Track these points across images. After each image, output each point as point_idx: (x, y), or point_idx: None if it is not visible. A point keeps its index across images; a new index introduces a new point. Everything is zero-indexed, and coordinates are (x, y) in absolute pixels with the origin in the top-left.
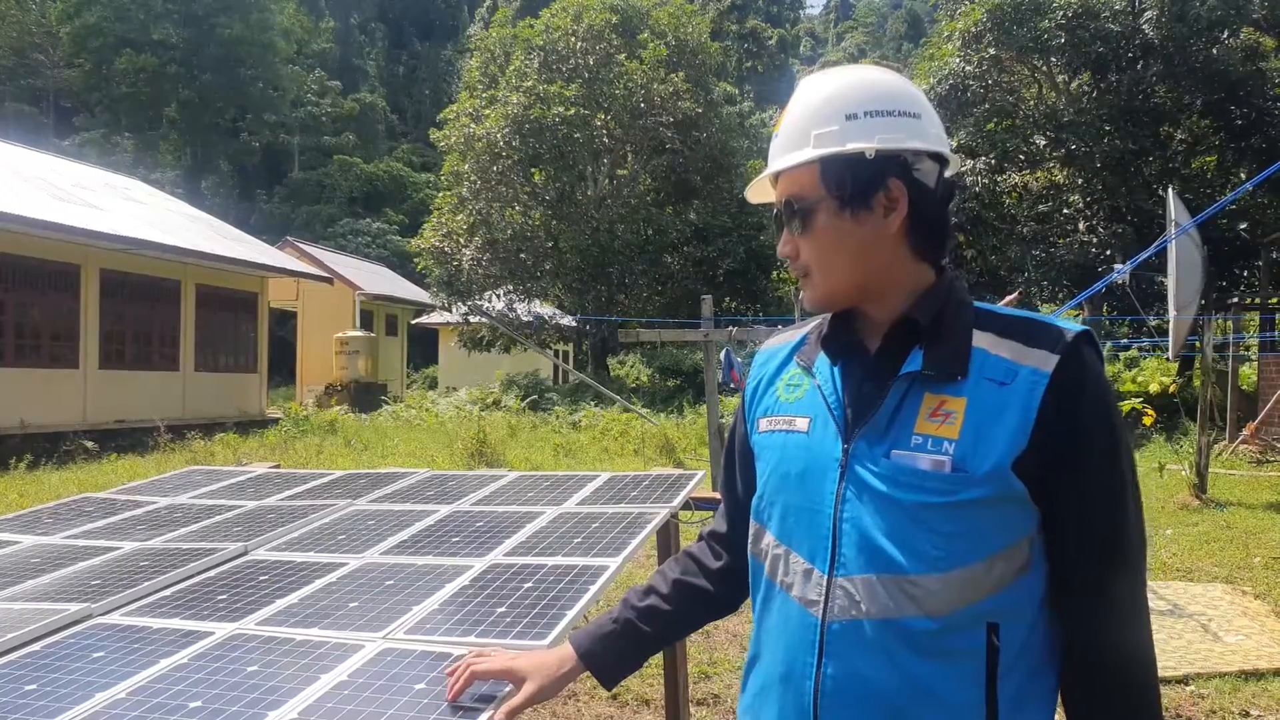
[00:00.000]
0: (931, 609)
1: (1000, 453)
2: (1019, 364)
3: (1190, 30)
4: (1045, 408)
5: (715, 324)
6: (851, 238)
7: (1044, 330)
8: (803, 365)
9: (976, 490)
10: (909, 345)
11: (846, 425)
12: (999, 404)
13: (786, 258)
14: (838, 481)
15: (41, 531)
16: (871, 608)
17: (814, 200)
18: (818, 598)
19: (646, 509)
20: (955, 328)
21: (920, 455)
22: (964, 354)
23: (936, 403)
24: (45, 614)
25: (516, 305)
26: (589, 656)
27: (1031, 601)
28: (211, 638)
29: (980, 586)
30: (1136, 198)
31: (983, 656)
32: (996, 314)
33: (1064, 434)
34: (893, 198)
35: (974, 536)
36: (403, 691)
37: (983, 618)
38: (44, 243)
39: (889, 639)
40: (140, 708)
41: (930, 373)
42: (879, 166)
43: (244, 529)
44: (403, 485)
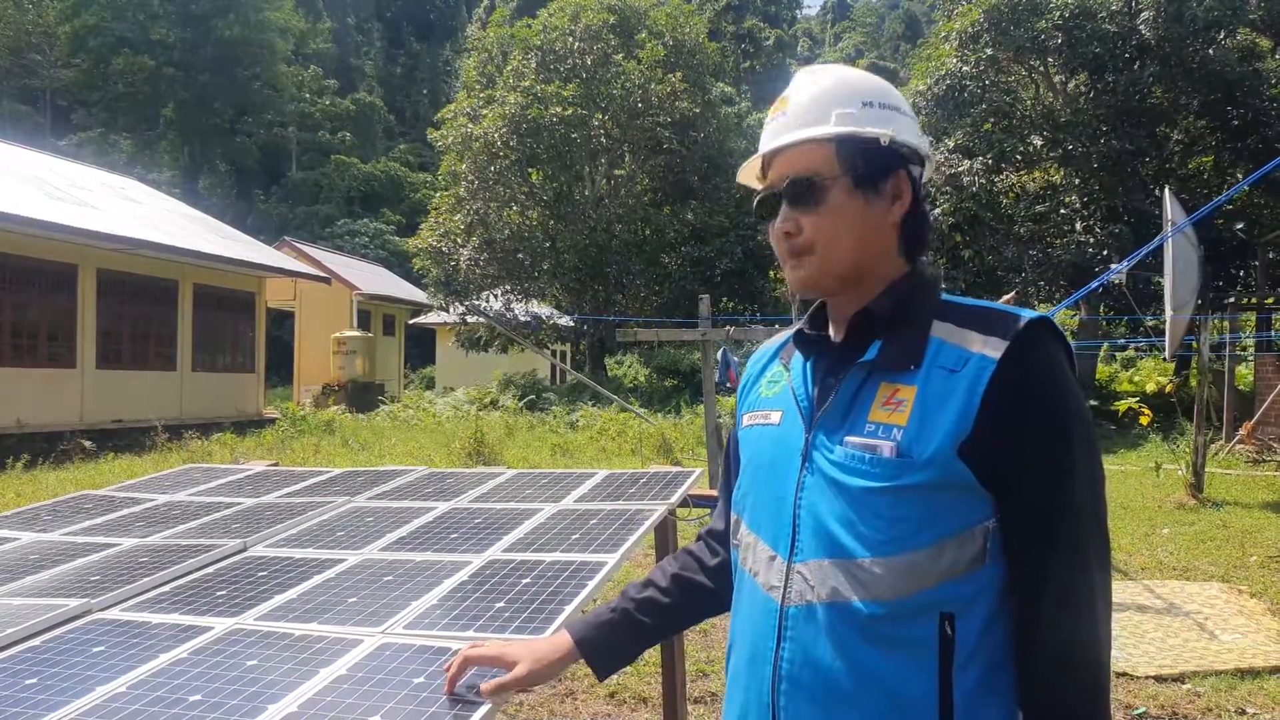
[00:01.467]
0: (877, 593)
1: (942, 438)
2: (971, 351)
3: (1187, 31)
4: (990, 393)
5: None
6: (860, 218)
7: (1002, 318)
8: (783, 363)
9: (918, 475)
10: (871, 337)
11: (811, 415)
12: (947, 390)
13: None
14: (799, 470)
15: (40, 528)
16: (822, 591)
17: (829, 176)
18: (779, 583)
19: (644, 506)
20: (914, 319)
21: (872, 441)
22: (919, 344)
23: (890, 391)
24: (45, 609)
25: (514, 305)
26: (584, 643)
27: (990, 594)
28: (211, 633)
29: (927, 574)
30: (1133, 198)
31: (934, 647)
32: (959, 305)
33: (1010, 420)
34: (900, 187)
35: (917, 521)
36: (401, 685)
37: (934, 607)
38: (41, 242)
39: (838, 623)
40: (140, 701)
41: (885, 362)
42: (892, 155)
43: (243, 526)
44: (401, 483)
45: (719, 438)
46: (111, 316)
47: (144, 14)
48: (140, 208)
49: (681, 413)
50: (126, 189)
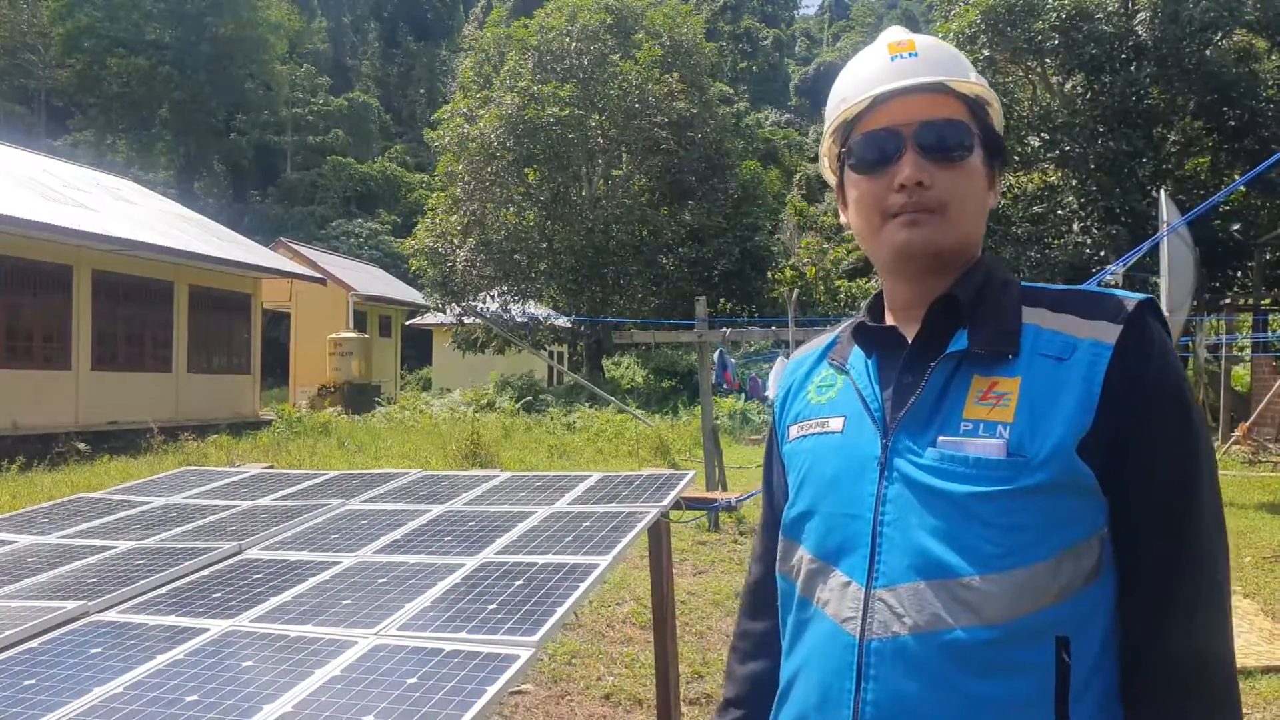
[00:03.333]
0: (990, 616)
1: (1061, 433)
2: (1077, 337)
3: (1183, 32)
4: (1110, 382)
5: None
6: (983, 190)
7: (1101, 301)
8: (835, 365)
9: (1037, 475)
10: (952, 327)
11: (885, 419)
12: (1057, 381)
13: (914, 183)
14: (877, 481)
15: (38, 531)
16: (918, 620)
17: (973, 137)
18: (854, 614)
19: (637, 508)
20: (1001, 304)
21: (971, 441)
22: (1014, 331)
23: (987, 385)
24: (43, 611)
25: (511, 306)
26: None
27: (1103, 612)
28: (206, 634)
29: (1045, 590)
30: (1130, 199)
31: (1051, 675)
32: (1045, 289)
33: (1132, 411)
34: (996, 178)
35: (1036, 530)
36: (394, 686)
37: (1050, 629)
38: (36, 244)
39: (937, 656)
40: (137, 702)
41: (979, 351)
42: (999, 140)
43: (238, 528)
44: (396, 485)
45: (715, 439)
46: (106, 318)
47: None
48: (135, 209)
49: (679, 414)
50: (121, 190)
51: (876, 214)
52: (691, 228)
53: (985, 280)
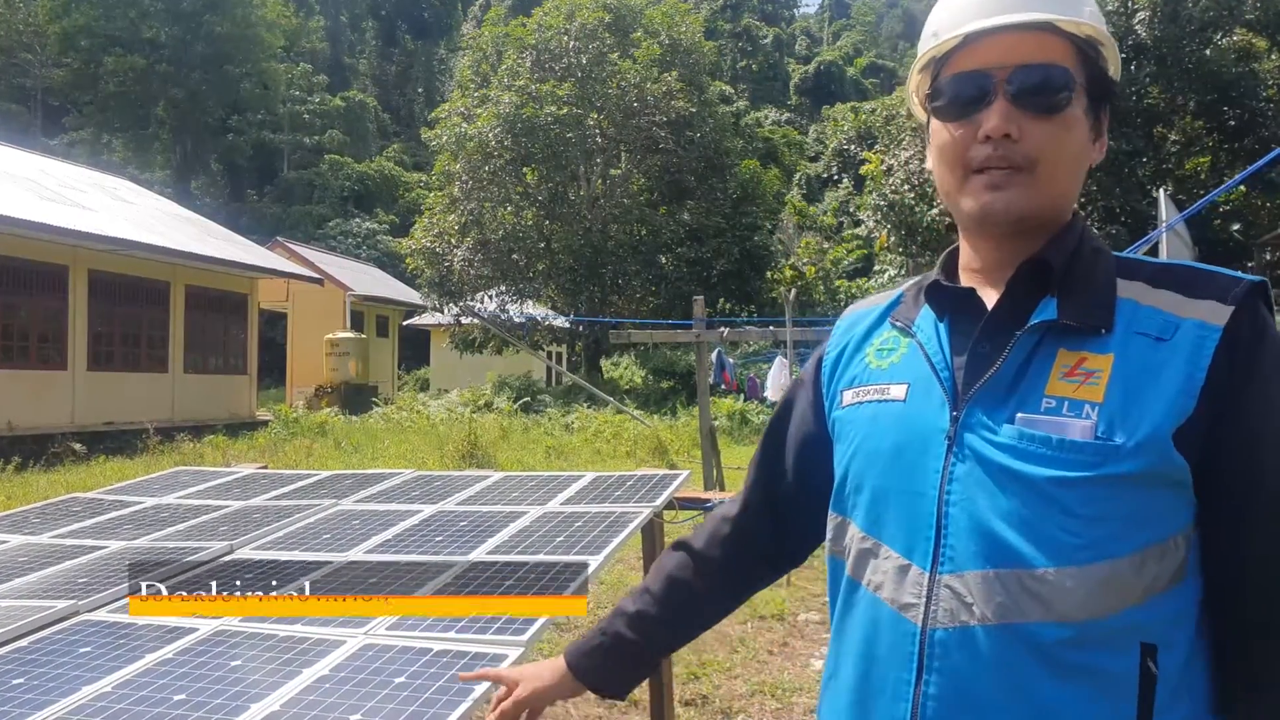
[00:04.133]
0: (1064, 612)
1: (1158, 419)
2: (1180, 317)
3: (1183, 31)
4: (1217, 367)
5: (708, 325)
6: (1082, 144)
7: (1209, 278)
8: (899, 326)
9: (1128, 463)
10: (1038, 294)
11: (956, 390)
12: (1156, 362)
13: (999, 139)
14: (944, 457)
15: (29, 531)
16: (986, 610)
17: (1074, 84)
18: (916, 600)
19: (629, 508)
20: (1095, 274)
21: (1055, 420)
22: (1109, 303)
23: (1074, 360)
24: (33, 611)
25: (509, 306)
26: (577, 670)
27: (1191, 617)
28: (196, 633)
29: (1128, 589)
30: (1130, 198)
31: (1135, 684)
32: (1144, 262)
33: (1239, 401)
34: (1102, 126)
35: (1122, 522)
36: (382, 685)
37: (1135, 633)
38: (32, 243)
39: (1011, 650)
40: (125, 700)
41: (1068, 323)
42: (1108, 87)
43: (230, 529)
44: (388, 485)
45: (713, 439)
46: (103, 318)
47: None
48: (132, 208)
49: (678, 414)
50: (118, 189)
51: (960, 166)
52: (690, 227)
53: (1079, 246)
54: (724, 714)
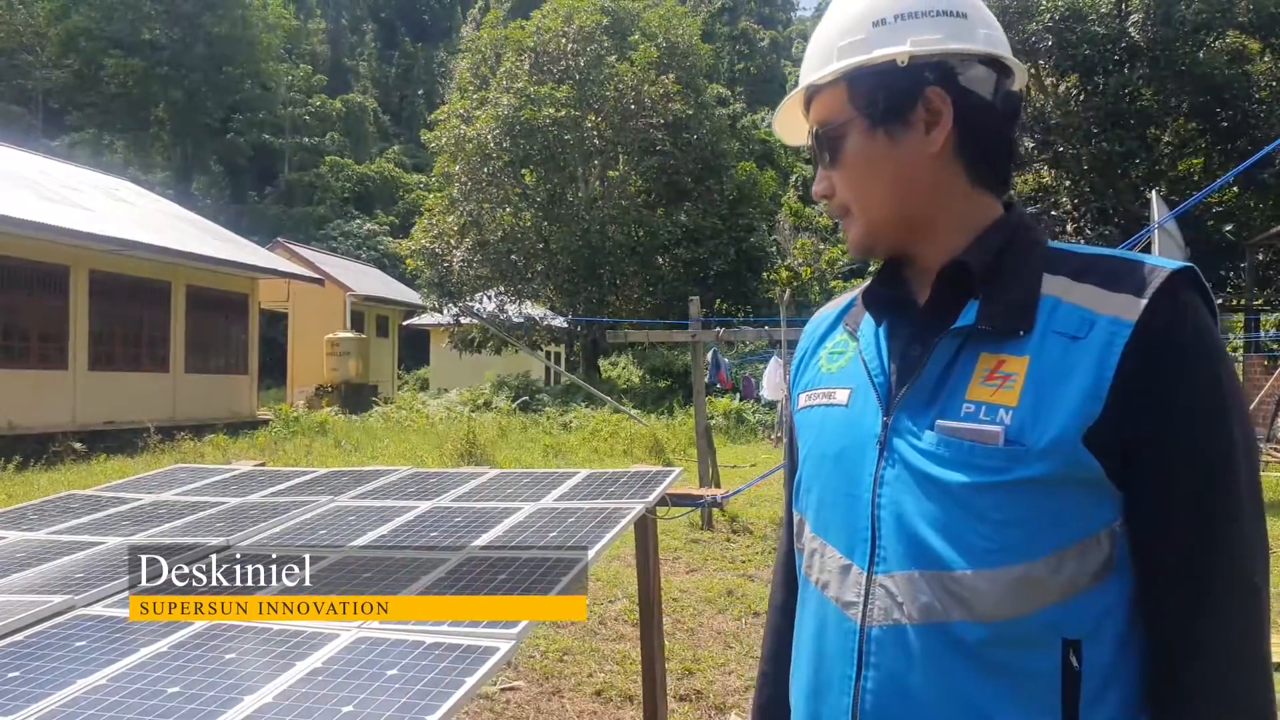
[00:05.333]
0: (983, 612)
1: (1066, 421)
2: (1097, 313)
3: (1176, 33)
4: (1125, 366)
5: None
6: (888, 161)
7: (1131, 270)
8: (849, 329)
9: (1036, 467)
10: (965, 296)
11: (889, 395)
12: (1068, 362)
13: (823, 198)
14: (876, 461)
15: (27, 527)
16: (914, 610)
17: (843, 122)
18: (856, 598)
19: (622, 504)
20: (1020, 272)
21: (971, 426)
22: (1029, 304)
23: (994, 363)
24: (29, 605)
25: (507, 306)
26: None
27: (1119, 612)
28: (191, 627)
29: (1044, 589)
30: (1124, 199)
31: (1057, 681)
32: (1074, 253)
33: (1152, 400)
34: (934, 109)
35: (1033, 525)
36: (375, 678)
37: (1056, 630)
38: (33, 244)
39: (938, 649)
40: (119, 693)
41: (987, 327)
42: (915, 74)
43: (226, 524)
44: (384, 482)
45: (709, 438)
46: (103, 318)
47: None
48: (132, 209)
49: (674, 414)
50: (119, 190)
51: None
52: (687, 228)
53: (1007, 243)
54: (718, 709)
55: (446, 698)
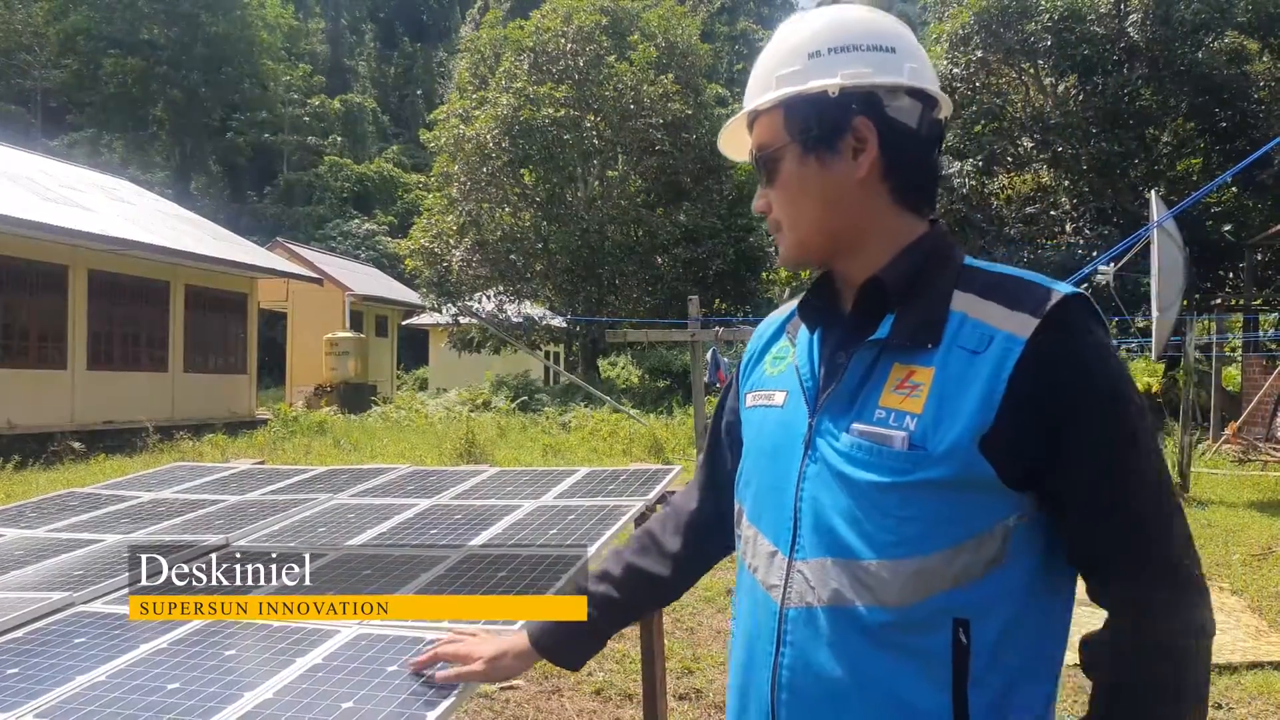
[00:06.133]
0: (885, 598)
1: (963, 429)
2: (997, 329)
3: (1175, 33)
4: (1018, 380)
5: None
6: (817, 184)
7: (1029, 291)
8: (790, 336)
9: (934, 470)
10: (882, 310)
11: (815, 398)
12: (969, 375)
13: (761, 214)
14: (801, 458)
15: (25, 525)
16: (823, 594)
17: (778, 146)
18: (779, 582)
19: (622, 502)
20: (932, 290)
21: (881, 431)
22: (938, 320)
23: (905, 373)
24: (28, 602)
25: (506, 306)
26: (539, 643)
27: (1009, 598)
28: (190, 624)
29: (940, 577)
30: (1122, 200)
31: (948, 657)
32: (984, 271)
33: (1041, 410)
34: (861, 137)
35: (930, 523)
36: (375, 674)
37: (948, 612)
38: (32, 243)
39: (841, 629)
40: (119, 690)
41: (899, 339)
42: (844, 105)
43: (226, 522)
44: (384, 480)
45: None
46: (102, 317)
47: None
48: (131, 208)
49: (673, 413)
50: (118, 190)
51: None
52: (686, 228)
53: (922, 262)
54: (717, 708)
55: (447, 694)
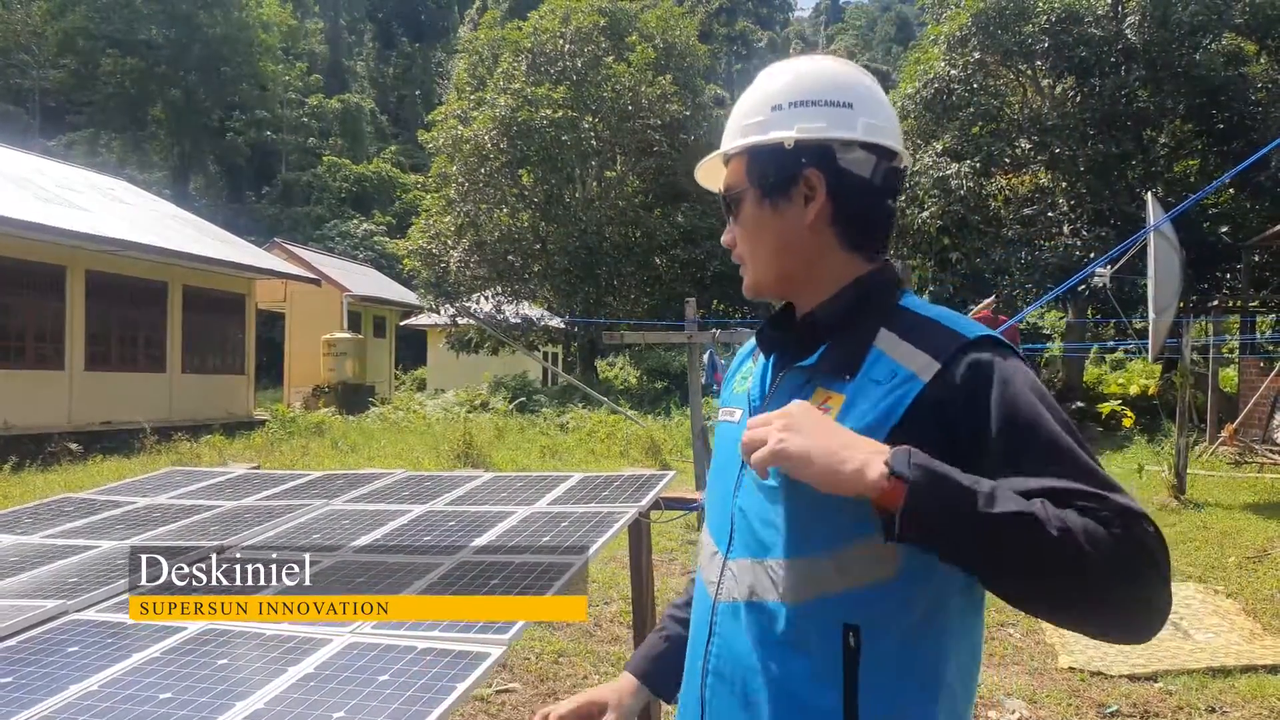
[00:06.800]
0: (784, 594)
1: None
2: (904, 367)
3: (1172, 35)
4: (910, 414)
5: (700, 326)
6: (771, 228)
7: (941, 334)
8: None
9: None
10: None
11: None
12: (869, 401)
13: (729, 247)
14: (739, 468)
15: (21, 531)
16: (743, 589)
17: (741, 190)
18: (715, 578)
19: (615, 508)
20: (860, 325)
21: None
22: (859, 354)
23: (823, 397)
24: (21, 610)
25: (504, 307)
26: (646, 678)
27: (906, 614)
28: (184, 632)
29: (827, 580)
30: (1120, 201)
31: (839, 658)
32: (911, 312)
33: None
34: (810, 186)
35: (812, 525)
36: (367, 683)
37: (837, 615)
38: (29, 244)
39: (755, 622)
40: (111, 699)
41: (824, 367)
42: (797, 155)
43: (221, 528)
44: (379, 486)
45: (705, 439)
46: (100, 318)
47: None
48: (129, 209)
49: (671, 415)
50: (115, 190)
51: None
52: (684, 229)
53: (855, 301)
54: None
55: (438, 703)
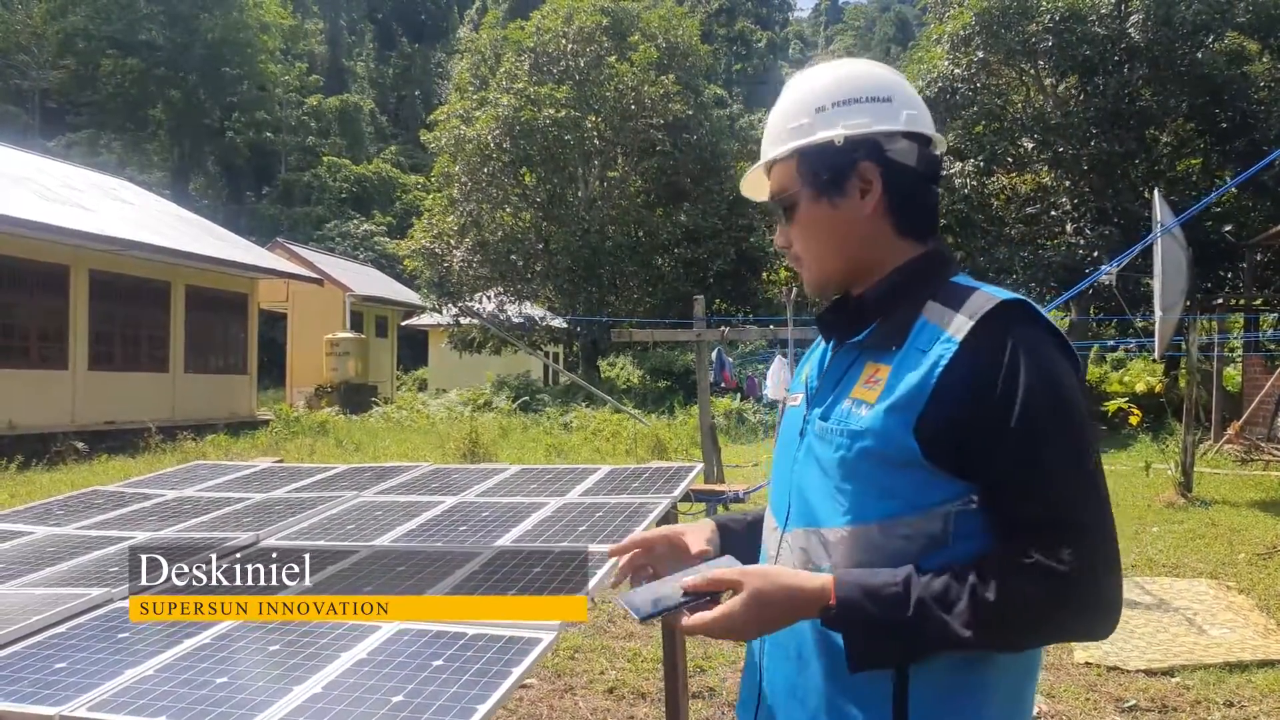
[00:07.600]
0: (836, 561)
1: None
2: (944, 331)
3: (1176, 34)
4: (948, 374)
5: (708, 324)
6: (830, 223)
7: (979, 299)
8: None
9: (865, 443)
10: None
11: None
12: (915, 368)
13: (783, 249)
14: (797, 446)
15: (54, 523)
16: (798, 557)
17: (794, 192)
18: (774, 551)
19: (648, 499)
20: (908, 301)
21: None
22: (905, 326)
23: (873, 370)
24: (68, 598)
25: (507, 307)
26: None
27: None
28: (231, 620)
29: (879, 549)
30: (1123, 200)
31: None
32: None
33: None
34: (866, 179)
35: (864, 493)
36: (420, 669)
37: None
38: (32, 244)
39: None
40: (169, 683)
41: (873, 342)
42: (849, 151)
43: (254, 519)
44: (407, 478)
45: (713, 436)
46: (103, 318)
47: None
48: (132, 209)
49: (675, 414)
50: (118, 190)
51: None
52: (687, 229)
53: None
54: (730, 706)
55: (496, 686)
